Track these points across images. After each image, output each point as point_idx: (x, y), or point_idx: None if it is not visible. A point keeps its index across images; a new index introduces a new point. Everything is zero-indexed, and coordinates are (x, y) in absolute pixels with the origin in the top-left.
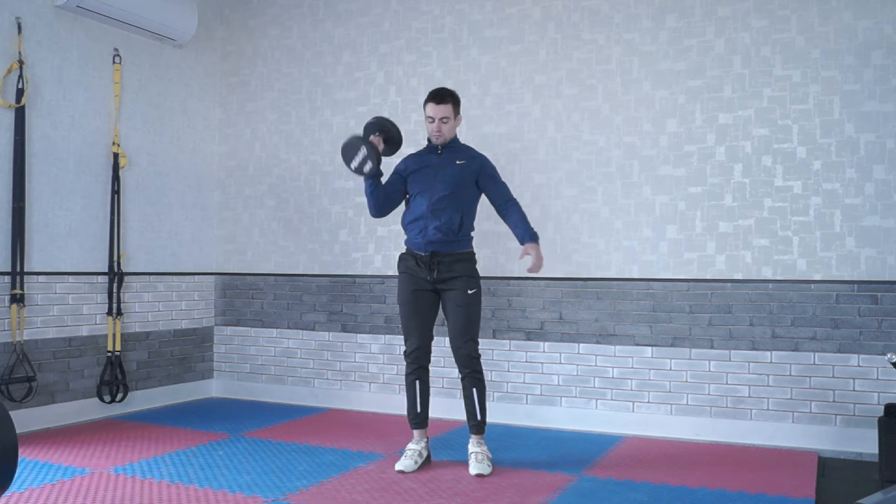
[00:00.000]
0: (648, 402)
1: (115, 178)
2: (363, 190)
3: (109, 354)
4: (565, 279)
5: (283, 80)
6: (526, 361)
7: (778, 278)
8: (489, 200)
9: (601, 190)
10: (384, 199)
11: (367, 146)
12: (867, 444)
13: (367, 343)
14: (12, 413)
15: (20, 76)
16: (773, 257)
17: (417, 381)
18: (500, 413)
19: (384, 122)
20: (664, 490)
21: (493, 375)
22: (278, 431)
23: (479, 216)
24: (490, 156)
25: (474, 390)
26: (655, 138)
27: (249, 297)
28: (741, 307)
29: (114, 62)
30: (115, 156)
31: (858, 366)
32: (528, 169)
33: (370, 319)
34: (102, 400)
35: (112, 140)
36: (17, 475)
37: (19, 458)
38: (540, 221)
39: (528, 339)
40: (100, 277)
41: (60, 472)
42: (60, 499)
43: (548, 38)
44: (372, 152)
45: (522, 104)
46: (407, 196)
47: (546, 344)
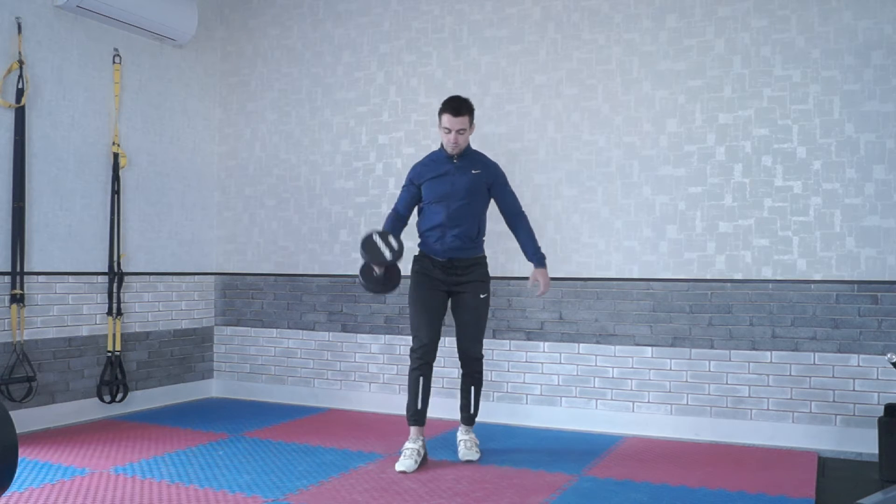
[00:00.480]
0: (648, 402)
1: (115, 178)
2: (363, 191)
3: (109, 354)
4: (565, 279)
5: (283, 80)
6: (526, 361)
7: (778, 278)
8: (499, 209)
9: (601, 190)
10: (405, 220)
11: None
12: (867, 444)
13: (367, 343)
14: (12, 413)
15: (20, 76)
16: (773, 257)
17: (421, 378)
18: (500, 413)
19: (374, 257)
20: (664, 490)
21: (493, 375)
22: (278, 431)
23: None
24: (490, 156)
25: (473, 388)
26: (655, 138)
27: (249, 297)
28: (741, 307)
29: (114, 62)
30: (115, 156)
31: (858, 366)
32: (528, 169)
33: (370, 319)
34: (102, 400)
35: (112, 140)
36: (17, 475)
37: (19, 458)
38: (540, 221)
39: (528, 339)
40: (100, 277)
41: (60, 472)
42: (60, 499)
43: (548, 38)
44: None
45: (522, 104)
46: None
47: (546, 344)
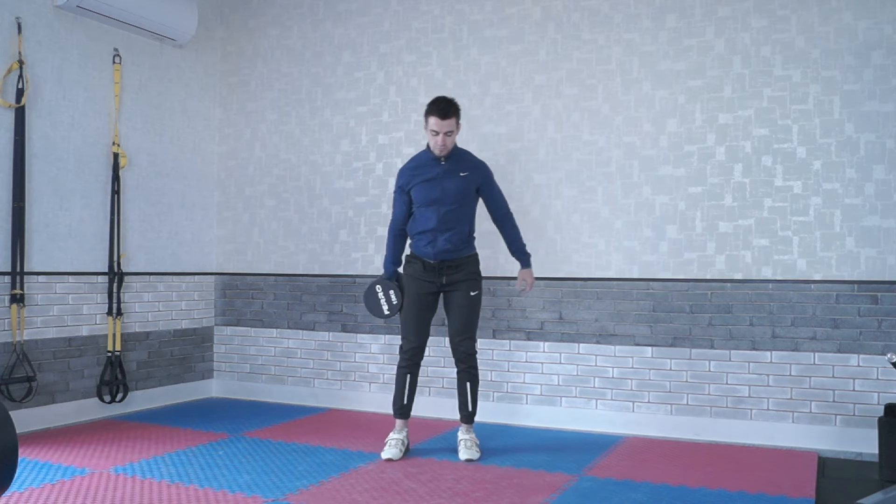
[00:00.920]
0: (648, 402)
1: (115, 178)
2: (363, 191)
3: (109, 354)
4: (565, 279)
5: (283, 80)
6: (526, 361)
7: (778, 278)
8: (486, 208)
9: (601, 190)
10: (406, 232)
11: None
12: (867, 444)
13: (367, 343)
14: (12, 413)
15: (20, 76)
16: (773, 257)
17: (409, 375)
18: (500, 413)
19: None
20: (664, 490)
21: (493, 375)
22: (278, 431)
23: (479, 217)
24: (490, 156)
25: (468, 384)
26: (655, 138)
27: (249, 297)
28: (741, 307)
29: (114, 62)
30: (115, 156)
31: (858, 366)
32: (528, 169)
33: (370, 319)
34: (102, 400)
35: (112, 140)
36: (17, 475)
37: (19, 458)
38: (540, 221)
39: (528, 339)
40: (100, 277)
41: (60, 472)
42: (60, 499)
43: (548, 38)
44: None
45: (522, 104)
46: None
47: (546, 344)
